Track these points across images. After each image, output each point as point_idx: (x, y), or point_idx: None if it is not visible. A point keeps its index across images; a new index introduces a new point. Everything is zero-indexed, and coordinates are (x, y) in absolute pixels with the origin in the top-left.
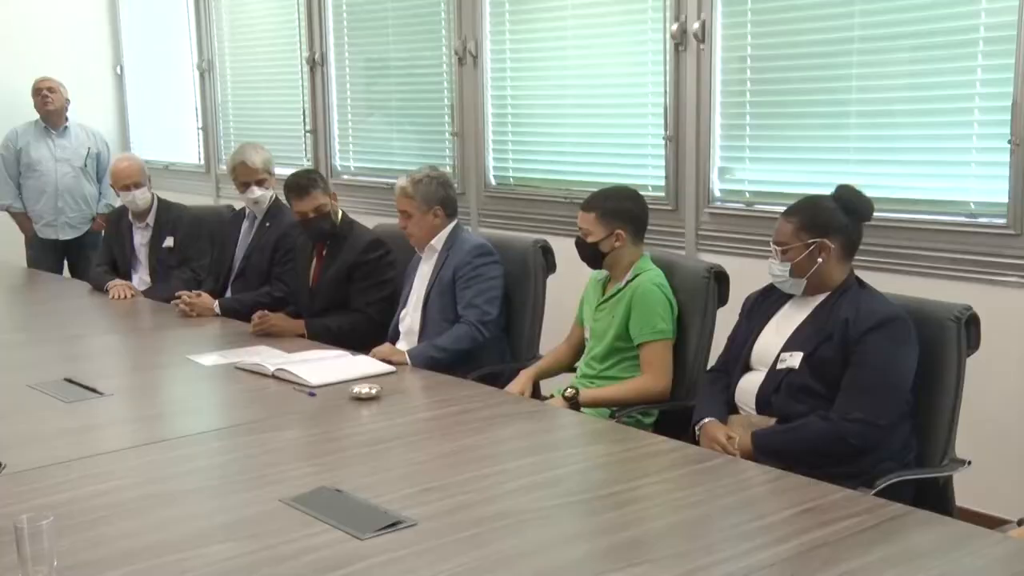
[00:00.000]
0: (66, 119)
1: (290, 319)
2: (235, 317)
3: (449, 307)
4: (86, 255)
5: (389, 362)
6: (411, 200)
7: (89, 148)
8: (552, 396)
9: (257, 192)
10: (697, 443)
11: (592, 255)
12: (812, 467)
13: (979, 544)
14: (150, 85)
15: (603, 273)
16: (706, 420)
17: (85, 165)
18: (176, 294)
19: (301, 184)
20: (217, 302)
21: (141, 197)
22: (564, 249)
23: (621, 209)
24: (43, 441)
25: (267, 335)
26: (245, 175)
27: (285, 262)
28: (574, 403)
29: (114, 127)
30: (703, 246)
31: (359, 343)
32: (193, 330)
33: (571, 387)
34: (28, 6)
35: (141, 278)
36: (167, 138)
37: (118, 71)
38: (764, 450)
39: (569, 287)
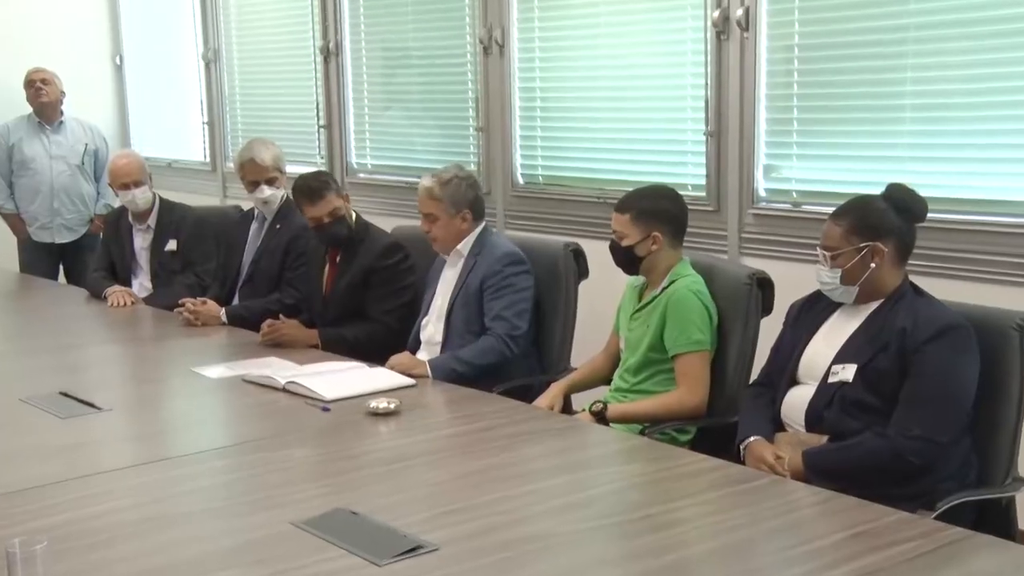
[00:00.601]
0: (61, 113)
1: (303, 328)
2: (243, 326)
3: (475, 318)
4: (83, 259)
5: (408, 375)
6: (437, 203)
7: (86, 144)
8: (583, 410)
9: (267, 192)
10: (742, 463)
11: (627, 259)
12: (867, 487)
13: None
14: (152, 77)
15: (640, 279)
16: (752, 439)
17: (82, 163)
18: (179, 301)
19: (313, 187)
20: (224, 310)
21: (142, 197)
22: (597, 253)
23: (658, 210)
24: (37, 459)
25: (278, 345)
26: (254, 173)
27: (297, 267)
28: (602, 418)
29: (113, 122)
30: (746, 250)
31: (376, 354)
32: (198, 340)
33: (599, 401)
34: None
35: (142, 284)
36: (170, 134)
37: (117, 62)
38: (816, 470)
39: (603, 294)
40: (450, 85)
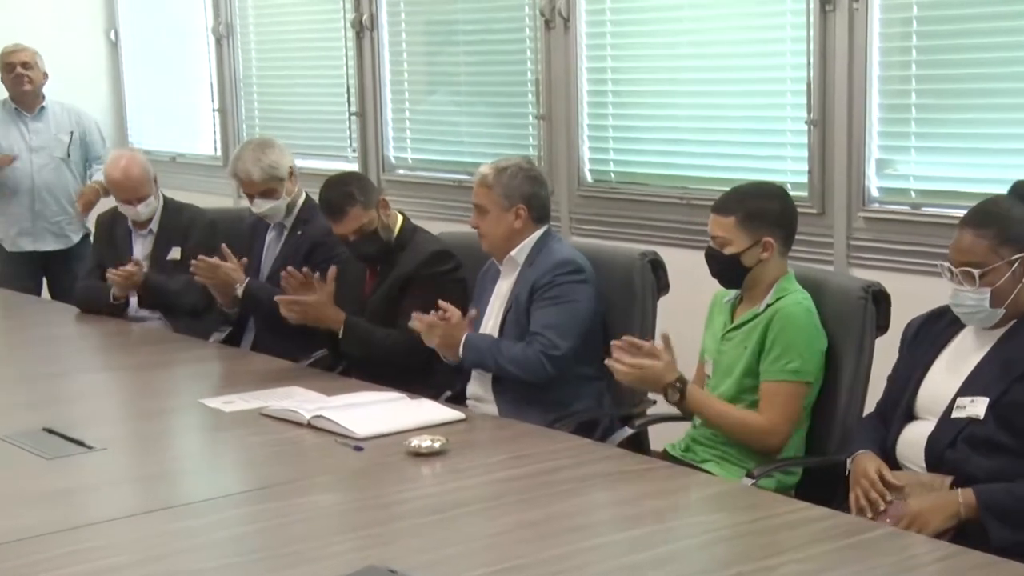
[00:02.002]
0: (42, 98)
1: (333, 305)
2: (255, 311)
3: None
4: (71, 271)
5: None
6: (489, 191)
7: (72, 133)
8: (664, 451)
9: (264, 205)
10: (847, 481)
11: (731, 271)
12: None
13: None
14: (153, 55)
15: (732, 293)
16: (862, 451)
17: (67, 155)
18: (197, 258)
19: (333, 204)
20: (242, 283)
21: (146, 209)
22: (678, 263)
23: (768, 211)
24: (18, 507)
25: (299, 323)
26: (245, 187)
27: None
28: (678, 403)
29: (106, 109)
30: (856, 259)
31: (396, 374)
32: (206, 366)
33: (680, 380)
34: None
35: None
36: (174, 123)
37: (112, 38)
38: (996, 510)
39: (684, 312)
40: (505, 65)
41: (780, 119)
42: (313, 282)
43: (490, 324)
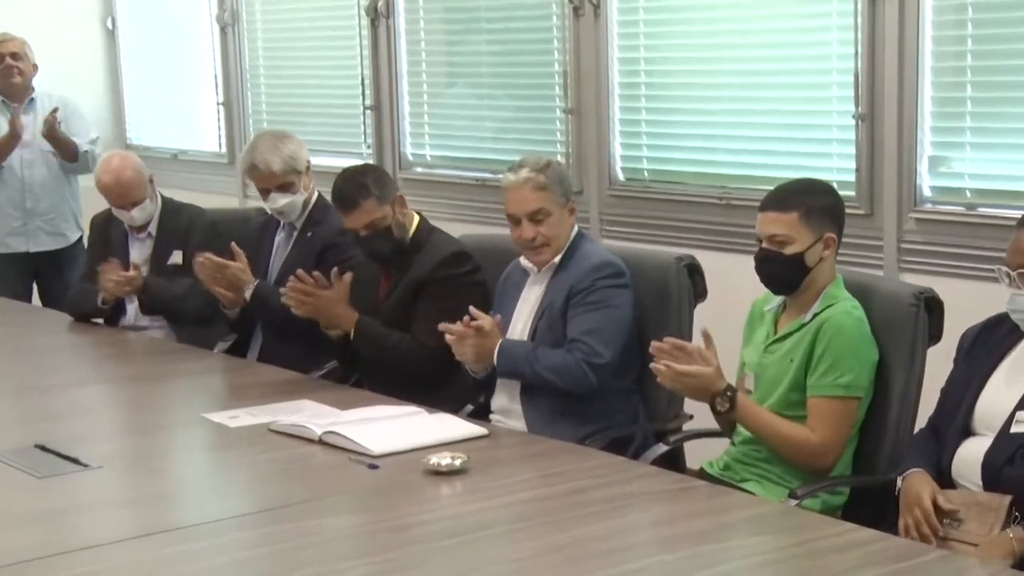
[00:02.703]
0: (32, 90)
1: (347, 304)
2: (263, 314)
3: (563, 343)
4: (63, 276)
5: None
6: (546, 193)
7: (62, 124)
8: (701, 469)
9: (281, 200)
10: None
11: (791, 273)
12: None
13: None
14: (153, 45)
15: (774, 300)
16: (914, 470)
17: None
18: (202, 255)
19: (346, 194)
20: (251, 286)
21: (141, 213)
22: (717, 267)
23: (827, 205)
24: (7, 530)
25: (309, 318)
26: (261, 181)
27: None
28: (728, 408)
29: (103, 103)
30: (907, 263)
31: (404, 384)
32: (209, 377)
33: (730, 387)
34: None
35: (138, 309)
36: (176, 118)
37: (109, 26)
38: None
39: (723, 320)
40: (531, 55)
41: (826, 113)
42: (322, 287)
43: (517, 332)
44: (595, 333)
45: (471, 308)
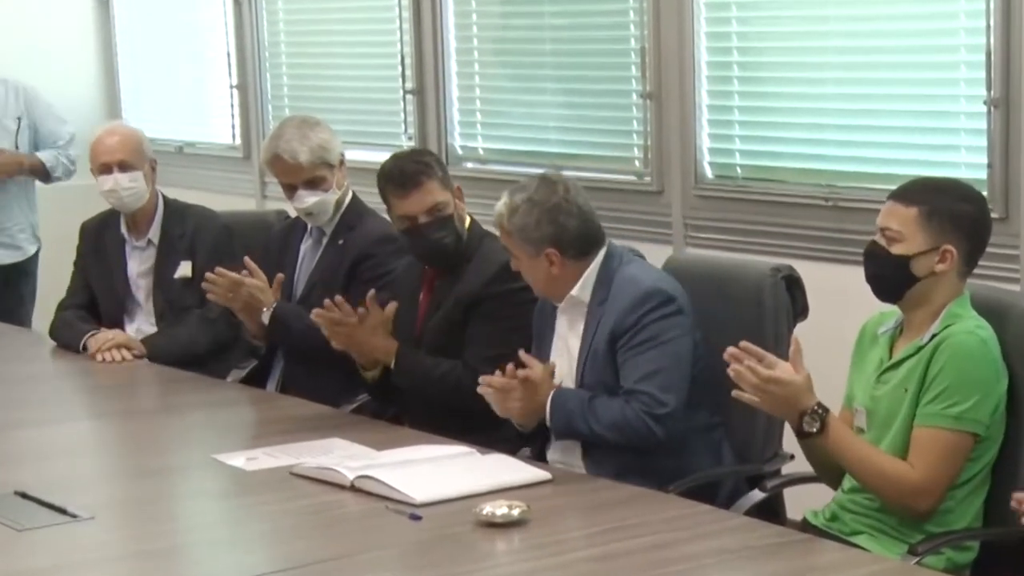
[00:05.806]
0: None
1: (386, 335)
2: (286, 342)
3: (615, 385)
4: (16, 290)
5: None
6: (509, 239)
7: (19, 119)
8: (804, 520)
9: (309, 199)
10: None
11: (893, 276)
12: None
13: None
14: (153, 18)
15: (889, 320)
16: None
17: (16, 146)
18: (214, 271)
19: (406, 173)
20: (270, 309)
21: (128, 188)
22: (821, 281)
23: (959, 214)
24: None
25: (342, 350)
26: (286, 174)
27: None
28: (815, 436)
29: (95, 88)
30: None
31: (448, 417)
32: (223, 412)
33: (821, 406)
34: None
35: (139, 328)
36: (181, 105)
37: None
38: None
39: (828, 343)
40: (603, 30)
41: (953, 99)
42: (357, 315)
43: (563, 371)
44: (652, 378)
45: (521, 353)
